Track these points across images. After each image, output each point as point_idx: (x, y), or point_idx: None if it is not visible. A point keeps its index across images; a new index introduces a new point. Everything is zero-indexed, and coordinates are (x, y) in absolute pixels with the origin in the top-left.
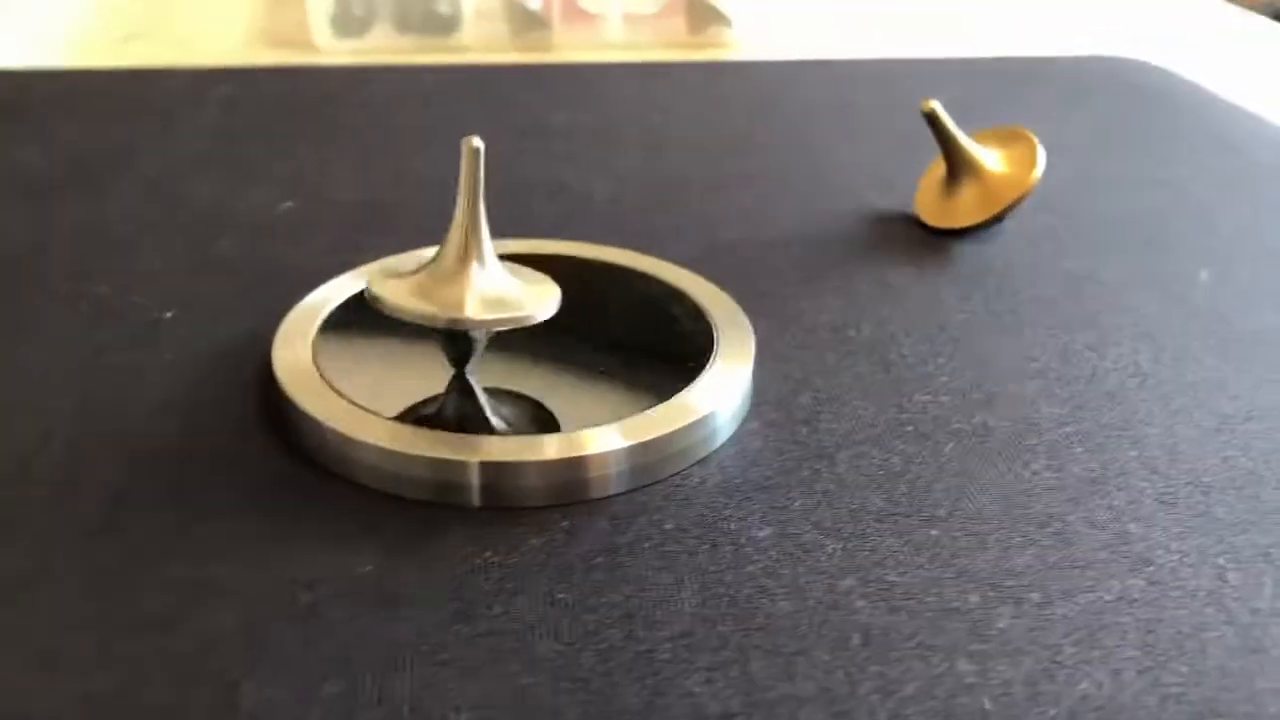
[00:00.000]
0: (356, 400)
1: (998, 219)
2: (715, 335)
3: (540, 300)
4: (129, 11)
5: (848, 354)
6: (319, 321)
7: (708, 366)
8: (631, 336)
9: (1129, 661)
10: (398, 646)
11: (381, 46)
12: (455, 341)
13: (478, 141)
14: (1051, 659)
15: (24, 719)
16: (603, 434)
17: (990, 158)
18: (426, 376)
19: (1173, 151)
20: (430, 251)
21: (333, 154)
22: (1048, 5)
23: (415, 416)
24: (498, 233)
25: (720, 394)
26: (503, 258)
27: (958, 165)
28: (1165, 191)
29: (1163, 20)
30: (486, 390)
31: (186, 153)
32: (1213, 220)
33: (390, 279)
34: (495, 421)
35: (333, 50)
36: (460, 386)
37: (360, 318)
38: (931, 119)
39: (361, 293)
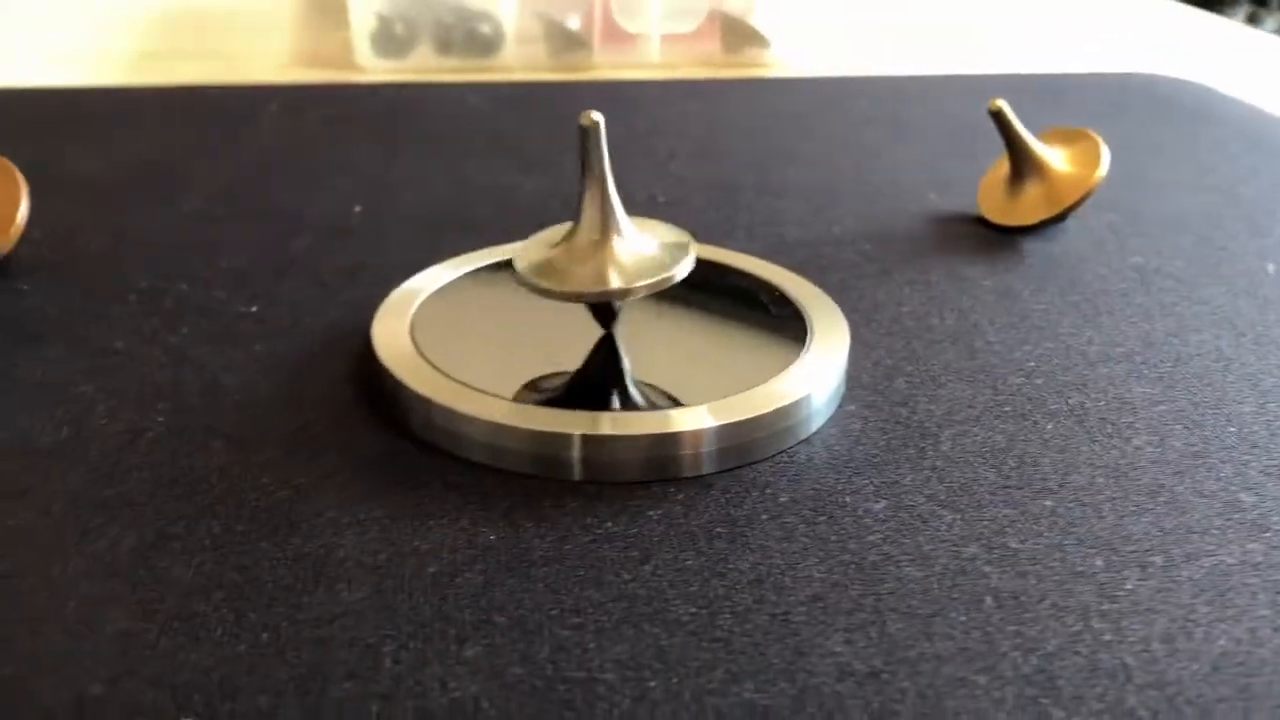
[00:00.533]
0: (458, 377)
1: (1062, 216)
2: (808, 321)
3: (677, 258)
4: (170, 32)
5: (933, 342)
6: (414, 307)
7: (804, 350)
8: (727, 323)
9: (1262, 620)
10: (532, 610)
11: (423, 67)
12: (599, 309)
13: (596, 115)
14: (1186, 618)
15: (169, 686)
16: (706, 411)
17: (1055, 156)
18: (522, 356)
19: (1218, 158)
20: (557, 230)
21: (391, 165)
22: (1062, 23)
23: (553, 386)
24: None
25: (819, 376)
26: None
27: (1023, 164)
28: (1216, 195)
29: (1177, 37)
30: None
31: (247, 163)
32: (1266, 220)
33: (529, 261)
34: (632, 389)
35: (375, 70)
36: (607, 349)
37: (452, 303)
38: (998, 117)
39: (451, 281)
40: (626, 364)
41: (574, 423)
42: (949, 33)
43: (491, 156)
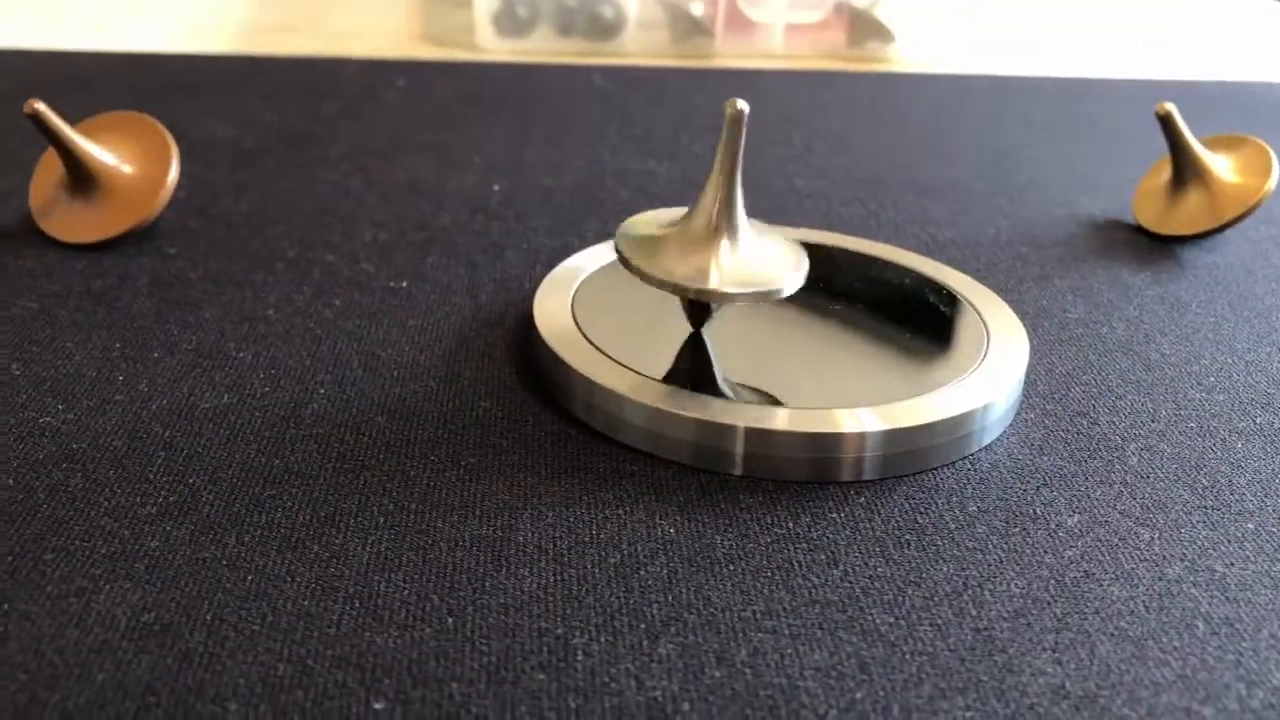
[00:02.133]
0: (623, 362)
1: (1223, 228)
2: (985, 324)
3: (788, 273)
4: (286, 8)
5: (1106, 351)
6: (574, 288)
7: (985, 354)
8: (897, 324)
9: None
10: (723, 609)
11: (543, 48)
12: (695, 306)
13: (742, 104)
14: None
15: (356, 667)
16: (879, 414)
17: (1221, 164)
18: (678, 342)
19: None
20: (677, 212)
21: (524, 145)
22: (1193, 27)
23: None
24: None
25: (1001, 382)
26: None
27: (1186, 171)
28: None
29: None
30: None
31: (379, 136)
32: None
33: (638, 242)
34: (722, 386)
35: (495, 50)
36: (694, 348)
37: (609, 286)
38: (1166, 121)
39: (609, 265)
40: (716, 365)
41: (742, 415)
42: (1067, 34)
43: (623, 141)
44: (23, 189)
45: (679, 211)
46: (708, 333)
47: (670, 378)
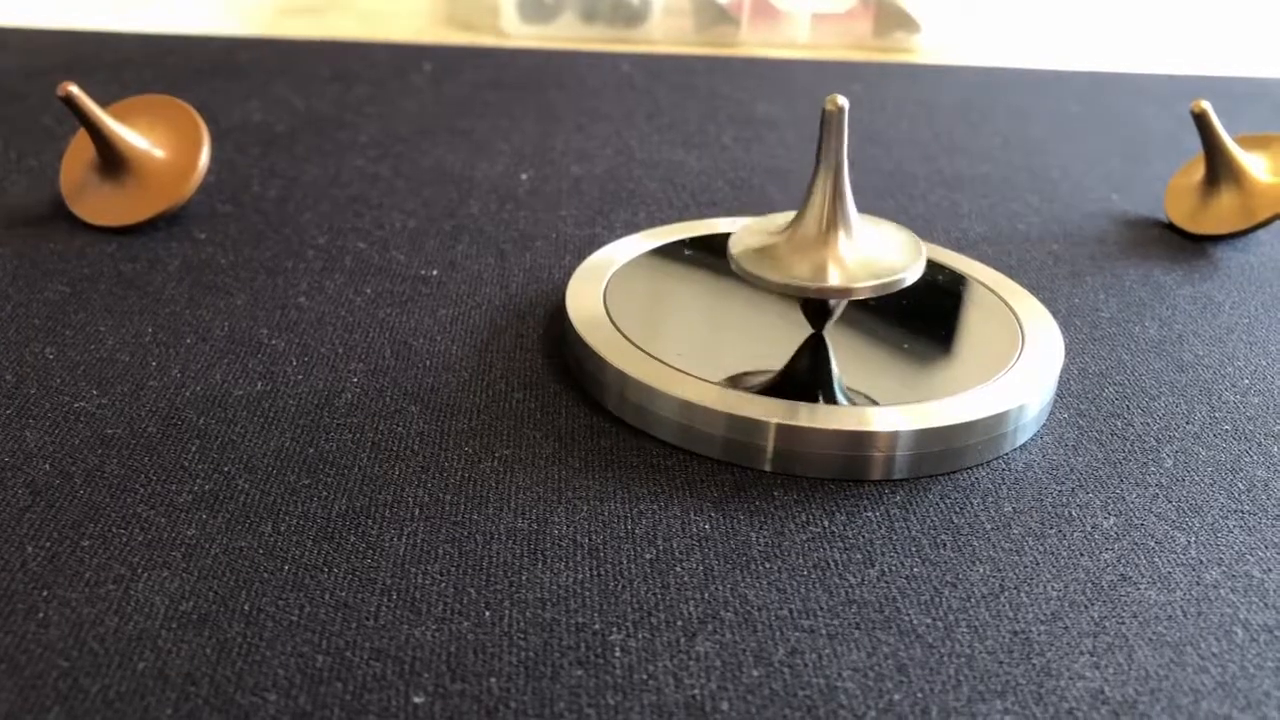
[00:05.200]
0: (655, 355)
1: (1257, 227)
2: (1019, 323)
3: (908, 261)
4: None
5: (1139, 351)
6: (606, 280)
7: (1019, 353)
8: (930, 321)
9: None
10: (759, 608)
11: (567, 35)
12: (815, 306)
13: (842, 100)
14: None
15: (395, 659)
16: (911, 413)
17: (1256, 164)
18: (717, 339)
19: None
20: (783, 217)
21: (551, 132)
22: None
23: (759, 381)
24: (744, 213)
25: (1036, 382)
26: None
27: (1220, 170)
28: None
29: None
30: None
31: (407, 122)
32: None
33: (746, 246)
34: (839, 393)
35: (520, 36)
36: (816, 348)
37: (642, 278)
38: (1201, 120)
39: (642, 256)
40: (835, 367)
41: (776, 410)
42: (1096, 26)
43: (651, 129)
44: (54, 169)
45: (786, 216)
46: (751, 329)
47: (701, 372)
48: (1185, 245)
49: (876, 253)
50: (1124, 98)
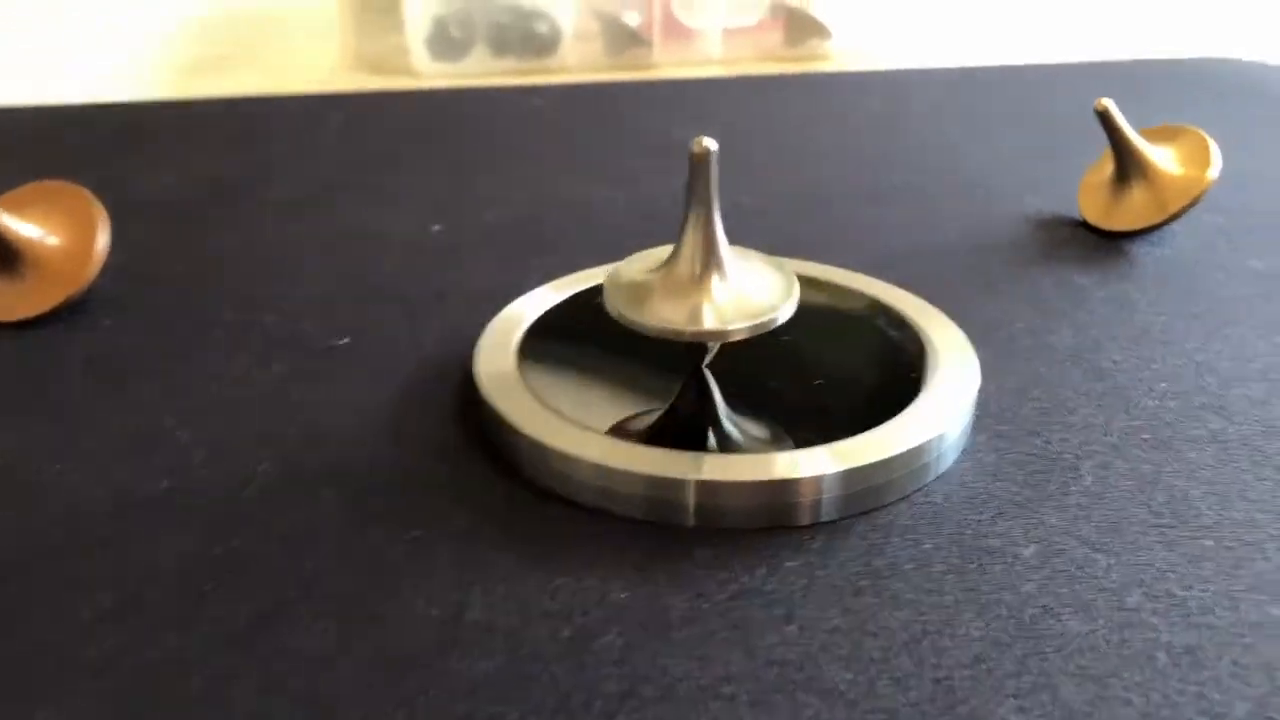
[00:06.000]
0: (570, 417)
1: (1169, 220)
2: (930, 346)
3: (780, 300)
4: (216, 39)
5: (1056, 362)
6: (516, 339)
7: (930, 379)
8: (839, 349)
9: None
10: (680, 679)
11: (480, 70)
12: (693, 347)
13: (709, 142)
14: None
15: None
16: (831, 454)
17: (1162, 157)
18: (633, 388)
19: None
20: (657, 253)
21: (465, 176)
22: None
23: (647, 424)
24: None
25: (952, 409)
26: None
27: (1128, 165)
28: None
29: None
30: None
31: (317, 178)
32: None
33: (621, 287)
34: (728, 426)
35: (431, 74)
36: (697, 386)
37: (557, 332)
38: (1104, 118)
39: (554, 308)
40: (720, 402)
41: (693, 467)
42: (1001, 18)
43: (565, 166)
44: None
45: (663, 251)
46: (662, 374)
47: (619, 428)
48: (1100, 244)
49: (750, 291)
50: (1033, 89)
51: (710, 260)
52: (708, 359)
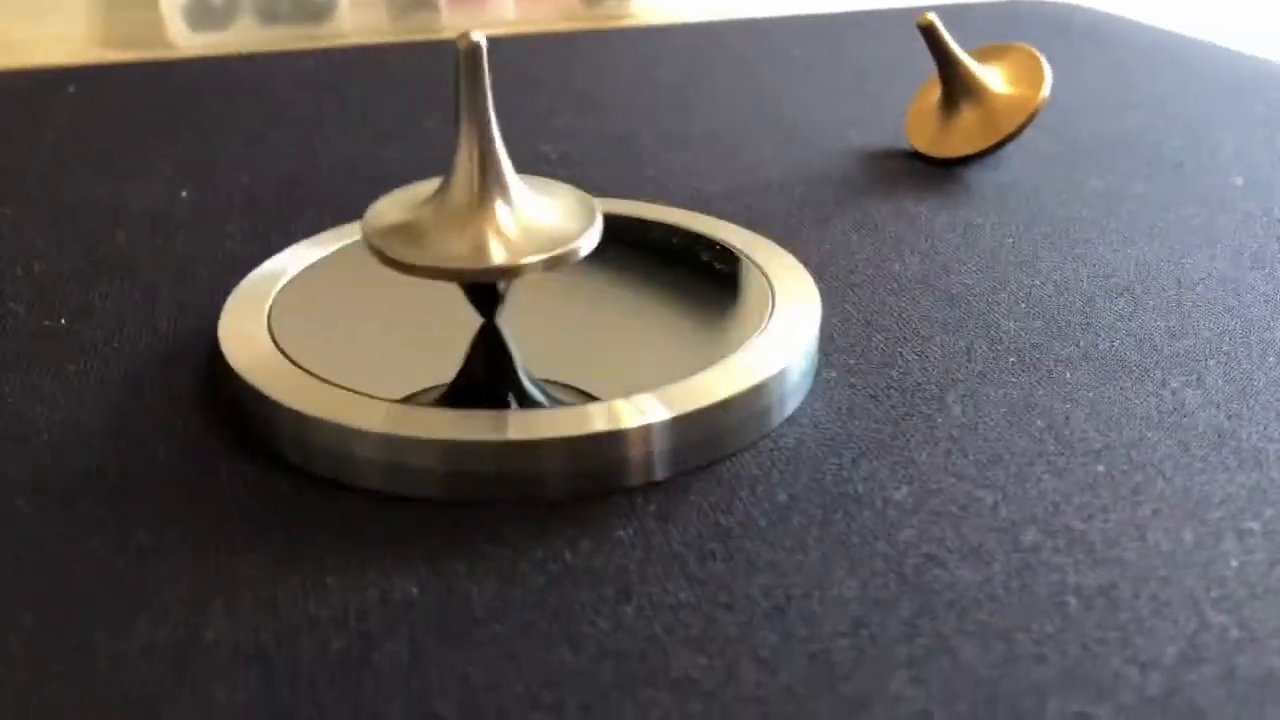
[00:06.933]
0: (337, 383)
1: (1003, 144)
2: (769, 280)
3: (580, 225)
4: None
5: (903, 289)
6: (270, 301)
7: (771, 315)
8: (670, 289)
9: None
10: (487, 690)
11: (247, 40)
12: (479, 290)
13: (478, 35)
14: None
15: None
16: (659, 400)
17: (992, 76)
18: (418, 356)
19: (1132, 78)
20: (422, 187)
21: (220, 142)
22: None
23: (439, 391)
24: None
25: (794, 342)
26: None
27: (957, 87)
28: (1147, 114)
29: None
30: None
31: (45, 154)
32: (1207, 135)
33: (384, 225)
34: (529, 386)
35: (191, 47)
36: (488, 343)
37: (315, 293)
38: (930, 33)
39: (315, 264)
40: (518, 359)
41: (493, 427)
42: None
43: (340, 127)
44: None
45: (431, 184)
46: (449, 329)
47: (395, 395)
48: (934, 172)
49: (543, 218)
50: (848, 34)
51: (491, 183)
52: (500, 310)
